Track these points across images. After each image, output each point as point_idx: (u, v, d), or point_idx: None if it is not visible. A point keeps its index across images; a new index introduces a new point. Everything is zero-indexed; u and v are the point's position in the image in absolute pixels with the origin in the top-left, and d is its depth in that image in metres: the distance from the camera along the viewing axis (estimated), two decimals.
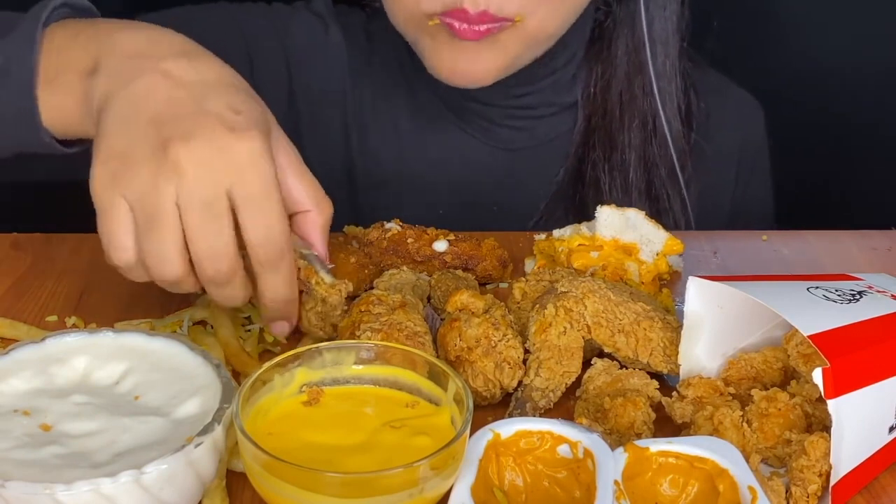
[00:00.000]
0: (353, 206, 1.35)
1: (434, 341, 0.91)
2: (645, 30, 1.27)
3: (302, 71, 1.35)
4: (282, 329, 0.90)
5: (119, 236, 0.80)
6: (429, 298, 1.02)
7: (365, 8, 1.37)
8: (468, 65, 1.15)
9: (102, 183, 0.80)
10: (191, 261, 0.81)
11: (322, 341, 0.88)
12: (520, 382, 0.88)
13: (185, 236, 0.80)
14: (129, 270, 0.83)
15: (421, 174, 1.34)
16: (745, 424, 0.82)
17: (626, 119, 1.30)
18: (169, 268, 0.80)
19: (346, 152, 1.36)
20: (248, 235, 0.81)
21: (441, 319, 0.98)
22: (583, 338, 0.90)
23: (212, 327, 0.96)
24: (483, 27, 1.10)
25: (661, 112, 1.29)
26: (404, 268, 1.04)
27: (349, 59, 1.35)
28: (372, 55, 1.36)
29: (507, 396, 0.88)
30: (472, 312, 0.91)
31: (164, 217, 0.78)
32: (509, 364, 0.87)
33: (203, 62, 0.85)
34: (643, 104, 1.30)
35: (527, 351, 0.90)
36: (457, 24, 1.10)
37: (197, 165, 0.78)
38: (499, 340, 0.88)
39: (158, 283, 0.83)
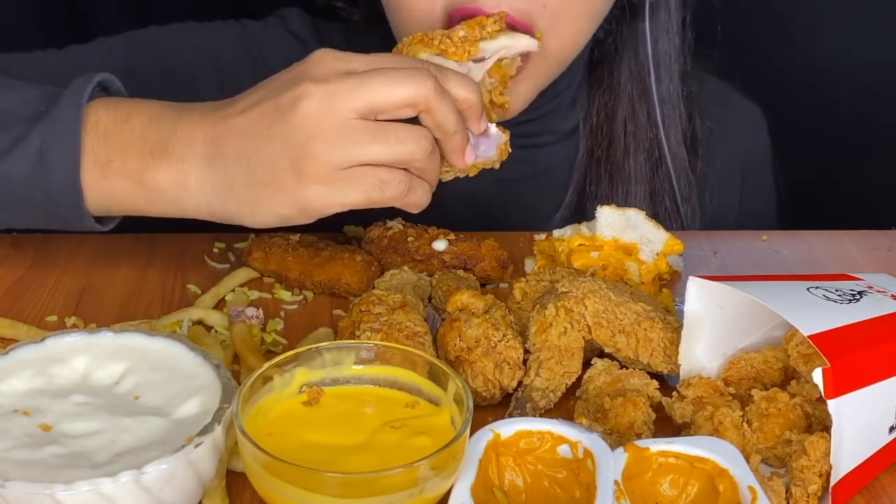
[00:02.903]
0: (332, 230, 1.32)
1: (434, 341, 0.91)
2: (649, 53, 1.23)
3: None
4: (469, 155, 0.93)
5: (379, 174, 0.85)
6: (430, 298, 1.02)
7: (345, 22, 1.31)
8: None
9: (324, 191, 0.85)
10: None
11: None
12: (520, 383, 0.88)
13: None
14: (412, 186, 0.88)
15: None
16: (745, 424, 0.82)
17: (631, 149, 1.26)
18: (417, 128, 0.87)
19: None
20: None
21: (442, 319, 0.98)
22: (583, 338, 0.90)
23: (213, 329, 0.97)
24: None
25: (665, 140, 1.26)
26: (405, 268, 1.04)
27: None
28: None
29: (507, 396, 0.88)
30: (472, 313, 0.91)
31: (366, 125, 0.85)
32: (509, 364, 0.87)
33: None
34: (648, 133, 1.26)
35: (527, 351, 0.90)
36: None
37: (318, 85, 0.85)
38: (499, 341, 0.88)
39: (429, 166, 0.88)
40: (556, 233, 1.08)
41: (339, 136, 0.84)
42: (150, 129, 0.90)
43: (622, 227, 1.05)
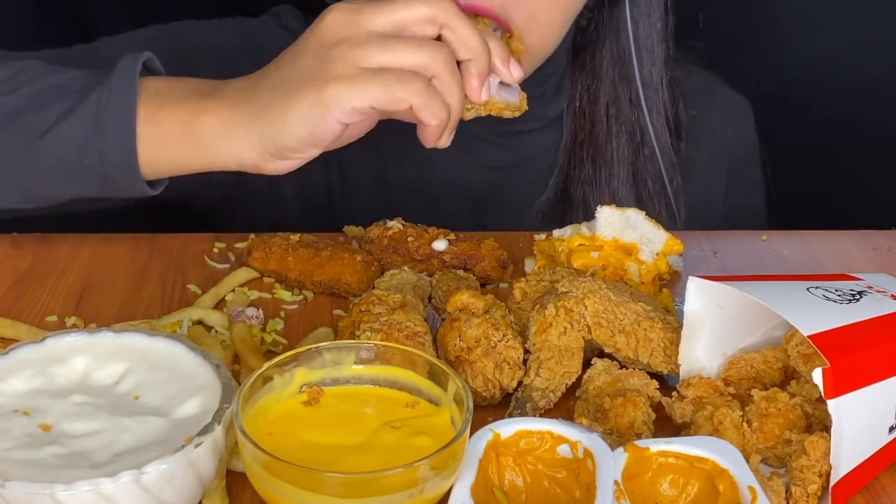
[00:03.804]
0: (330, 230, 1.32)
1: (434, 341, 0.91)
2: (630, 38, 1.24)
3: None
4: (517, 68, 0.95)
5: (403, 75, 0.87)
6: (430, 298, 1.02)
7: None
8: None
9: (345, 85, 0.87)
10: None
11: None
12: (520, 383, 0.88)
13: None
14: (430, 94, 0.89)
15: (399, 195, 1.31)
16: (745, 424, 0.82)
17: (613, 132, 1.27)
18: (442, 46, 0.89)
19: (325, 174, 1.32)
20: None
21: (442, 319, 0.98)
22: (583, 338, 0.90)
23: (213, 329, 0.97)
24: None
25: (649, 123, 1.27)
26: (405, 268, 1.04)
27: None
28: None
29: (507, 396, 0.88)
30: (472, 313, 0.91)
31: (391, 36, 0.89)
32: (509, 364, 0.87)
33: None
34: (631, 115, 1.27)
35: (527, 351, 0.90)
36: None
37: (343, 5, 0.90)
38: (499, 341, 0.88)
39: (447, 82, 0.89)
40: (556, 233, 1.08)
41: (364, 40, 0.88)
42: (199, 85, 0.96)
43: (622, 227, 1.05)
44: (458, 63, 0.91)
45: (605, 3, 1.24)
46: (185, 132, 0.93)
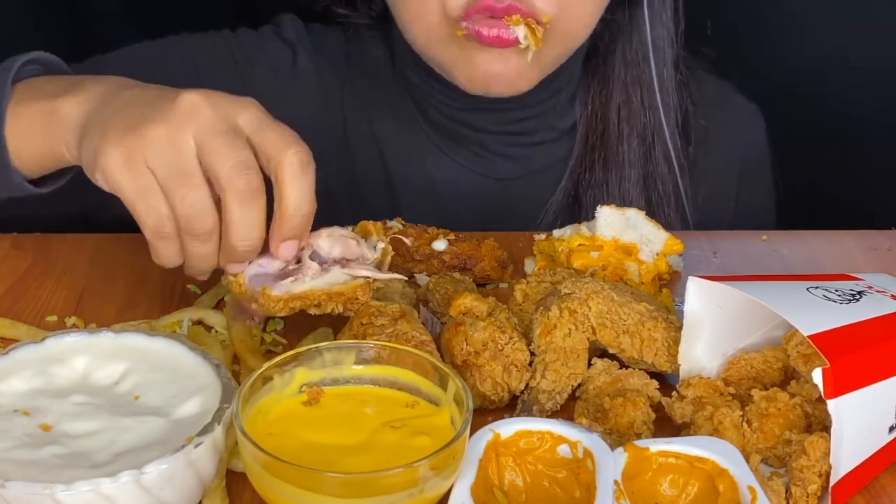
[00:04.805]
0: None
1: (437, 346, 0.90)
2: (649, 38, 1.25)
3: (266, 101, 1.28)
4: (288, 250, 0.87)
5: (157, 204, 0.82)
6: (425, 302, 1.01)
7: (344, 25, 1.31)
8: (502, 68, 1.11)
9: (121, 160, 0.82)
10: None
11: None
12: (526, 385, 0.88)
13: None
14: (167, 242, 0.84)
15: (405, 206, 1.30)
16: (745, 424, 0.82)
17: (625, 135, 1.27)
18: (207, 217, 0.82)
19: (325, 182, 1.31)
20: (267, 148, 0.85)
21: (441, 323, 0.97)
22: (587, 339, 0.90)
23: (213, 329, 0.97)
24: (512, 35, 1.06)
25: (665, 124, 1.27)
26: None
27: (323, 86, 1.29)
28: (351, 78, 1.30)
29: (512, 399, 0.88)
30: (476, 316, 0.90)
31: (191, 167, 0.81)
32: (517, 367, 0.87)
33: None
34: (642, 118, 1.27)
35: (531, 353, 0.90)
36: (485, 32, 1.06)
37: (207, 103, 0.83)
38: (505, 343, 0.88)
39: (190, 245, 0.84)
40: (556, 233, 1.08)
41: (174, 139, 0.82)
42: (68, 81, 0.96)
43: (622, 227, 1.05)
44: None
45: (626, 3, 1.24)
46: (40, 123, 0.93)
